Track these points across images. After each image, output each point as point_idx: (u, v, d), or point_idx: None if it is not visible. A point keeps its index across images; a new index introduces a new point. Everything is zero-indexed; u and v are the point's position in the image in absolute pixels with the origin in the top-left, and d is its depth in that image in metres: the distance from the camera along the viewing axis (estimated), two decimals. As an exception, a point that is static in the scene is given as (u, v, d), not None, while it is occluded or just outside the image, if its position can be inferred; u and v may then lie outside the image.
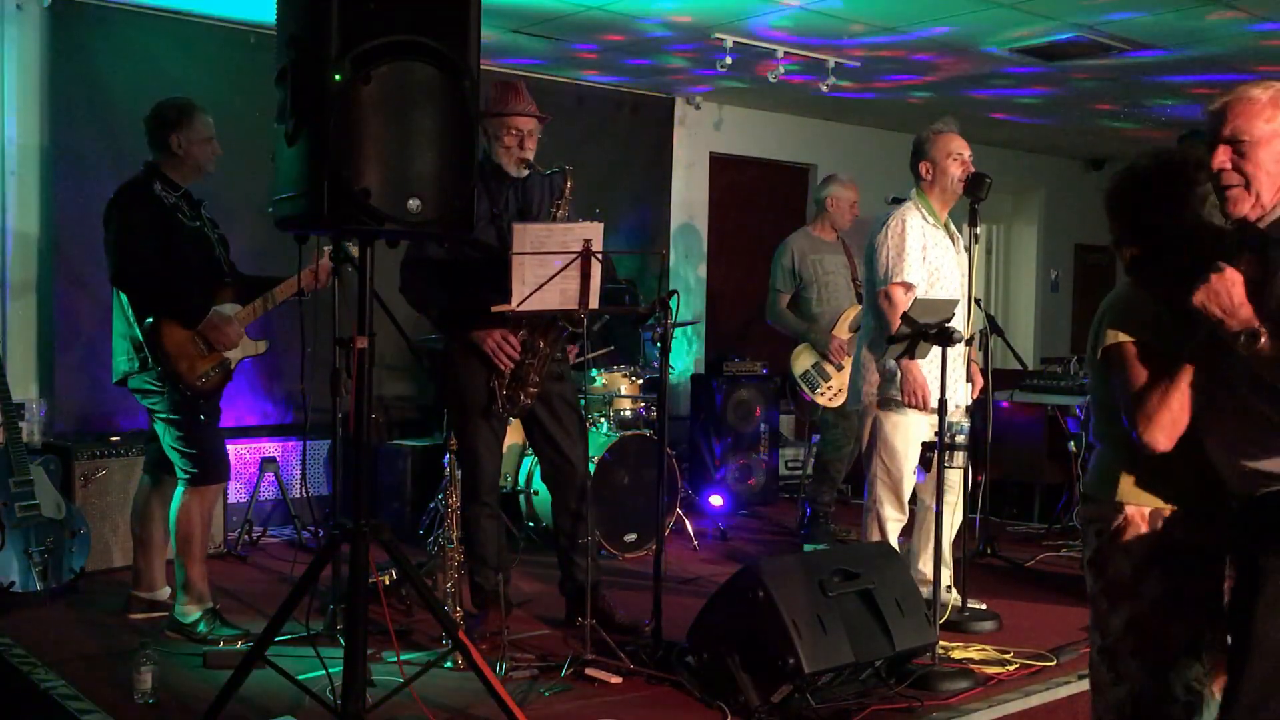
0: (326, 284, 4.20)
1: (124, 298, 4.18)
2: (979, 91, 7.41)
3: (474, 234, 3.89)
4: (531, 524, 5.88)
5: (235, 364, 4.32)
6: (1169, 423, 2.47)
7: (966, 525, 4.75)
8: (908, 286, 4.44)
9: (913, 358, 4.15)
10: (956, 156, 4.55)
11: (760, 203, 8.62)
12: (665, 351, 4.09)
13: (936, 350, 4.03)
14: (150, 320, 4.11)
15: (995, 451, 5.64)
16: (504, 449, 4.65)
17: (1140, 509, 2.60)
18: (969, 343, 4.72)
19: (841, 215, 6.34)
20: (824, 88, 6.79)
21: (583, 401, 5.31)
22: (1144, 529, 2.59)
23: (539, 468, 5.59)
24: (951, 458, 4.13)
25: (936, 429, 4.10)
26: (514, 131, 4.26)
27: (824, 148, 8.58)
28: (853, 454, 6.33)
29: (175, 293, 4.15)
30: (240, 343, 4.28)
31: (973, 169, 4.59)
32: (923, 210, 4.57)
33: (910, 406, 4.39)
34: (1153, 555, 2.59)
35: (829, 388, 6.07)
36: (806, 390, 6.12)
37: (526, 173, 4.33)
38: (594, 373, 6.10)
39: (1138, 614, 2.60)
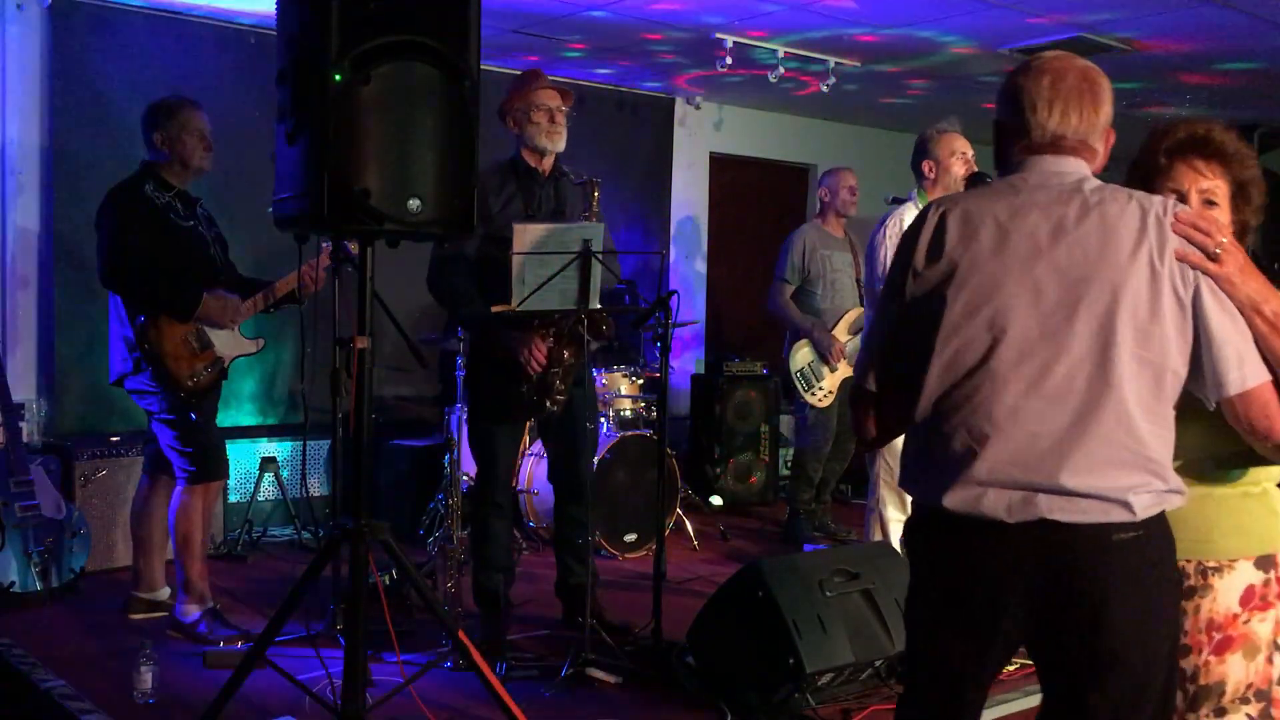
0: (324, 282, 4.19)
1: (118, 298, 4.18)
2: (980, 92, 7.40)
3: (507, 235, 3.91)
4: (531, 524, 5.88)
5: (229, 362, 4.31)
6: None
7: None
8: None
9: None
10: (960, 155, 4.56)
11: (760, 203, 8.62)
12: (665, 351, 4.09)
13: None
14: (142, 320, 4.10)
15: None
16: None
17: None
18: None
19: (839, 197, 6.28)
20: (824, 88, 6.78)
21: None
22: None
23: (539, 467, 5.65)
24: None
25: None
26: (543, 108, 4.23)
27: (824, 148, 8.57)
28: (849, 454, 6.34)
29: (166, 290, 4.13)
30: (239, 320, 4.28)
31: (975, 168, 4.59)
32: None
33: None
34: None
35: (821, 388, 6.06)
36: (800, 387, 6.09)
37: (557, 154, 4.29)
38: (594, 372, 6.09)
39: None
